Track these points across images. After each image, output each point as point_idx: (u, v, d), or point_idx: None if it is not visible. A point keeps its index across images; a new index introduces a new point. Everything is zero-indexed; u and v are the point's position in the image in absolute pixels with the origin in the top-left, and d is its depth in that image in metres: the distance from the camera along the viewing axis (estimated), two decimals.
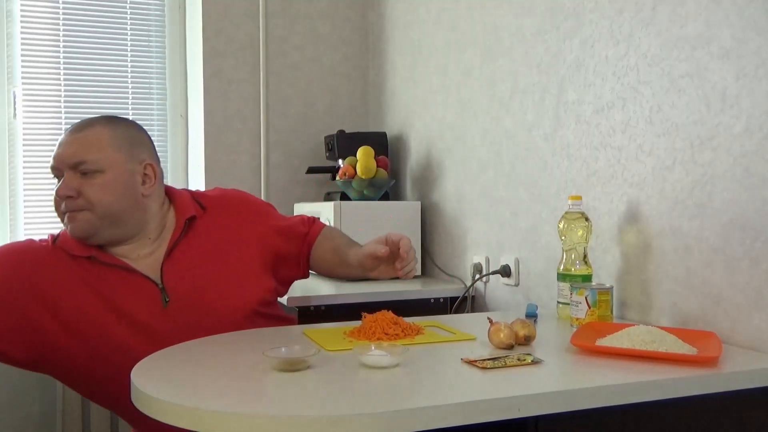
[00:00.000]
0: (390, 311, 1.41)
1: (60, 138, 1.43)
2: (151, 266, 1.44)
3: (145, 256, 1.45)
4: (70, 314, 1.37)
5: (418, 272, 2.44)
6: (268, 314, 1.55)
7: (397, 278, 1.50)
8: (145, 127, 2.82)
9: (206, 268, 1.47)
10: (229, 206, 1.57)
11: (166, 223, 1.50)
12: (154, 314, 1.40)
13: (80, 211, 1.37)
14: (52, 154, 1.41)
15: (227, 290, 1.46)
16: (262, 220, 1.59)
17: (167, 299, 1.41)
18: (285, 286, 1.66)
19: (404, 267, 1.46)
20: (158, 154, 2.74)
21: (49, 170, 1.43)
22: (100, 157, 1.38)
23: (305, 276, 1.68)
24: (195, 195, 1.57)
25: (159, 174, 1.49)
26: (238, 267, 1.50)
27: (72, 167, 1.38)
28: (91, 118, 1.45)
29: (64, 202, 1.38)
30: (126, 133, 1.44)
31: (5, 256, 1.42)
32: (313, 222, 1.68)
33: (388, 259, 1.48)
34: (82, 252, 1.40)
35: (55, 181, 1.43)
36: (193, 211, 1.50)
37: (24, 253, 1.42)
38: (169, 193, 1.55)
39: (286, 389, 1.05)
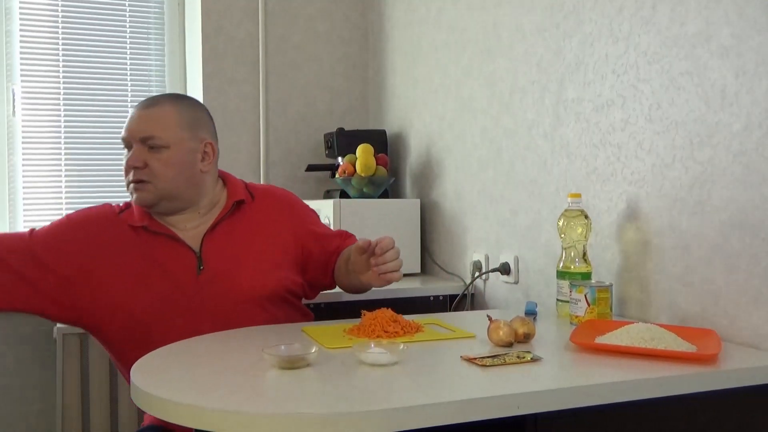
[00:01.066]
0: (389, 309, 1.41)
1: (130, 112, 1.56)
2: (194, 237, 1.57)
3: (191, 228, 1.58)
4: (115, 277, 1.51)
5: (416, 270, 2.44)
6: (293, 303, 1.65)
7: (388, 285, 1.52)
8: None
9: (242, 249, 1.59)
10: (275, 200, 1.69)
11: (217, 201, 1.63)
12: (189, 280, 1.52)
13: (144, 182, 1.51)
14: (124, 126, 1.54)
15: (257, 271, 1.57)
16: (302, 222, 1.69)
17: (201, 267, 1.54)
18: (313, 290, 1.74)
19: (379, 265, 1.46)
20: None
21: (120, 141, 1.56)
22: (167, 134, 1.51)
23: (332, 286, 1.73)
24: (248, 185, 1.70)
25: (217, 152, 1.62)
26: (272, 255, 1.61)
27: (141, 141, 1.51)
28: (160, 96, 1.57)
29: (132, 172, 1.51)
30: (190, 113, 1.56)
31: (71, 224, 1.57)
32: (348, 237, 1.75)
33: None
34: (138, 222, 1.55)
35: (125, 152, 1.57)
36: (243, 196, 1.63)
37: (88, 222, 1.58)
38: (224, 176, 1.69)
39: (285, 387, 1.05)
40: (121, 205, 1.62)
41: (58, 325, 2.35)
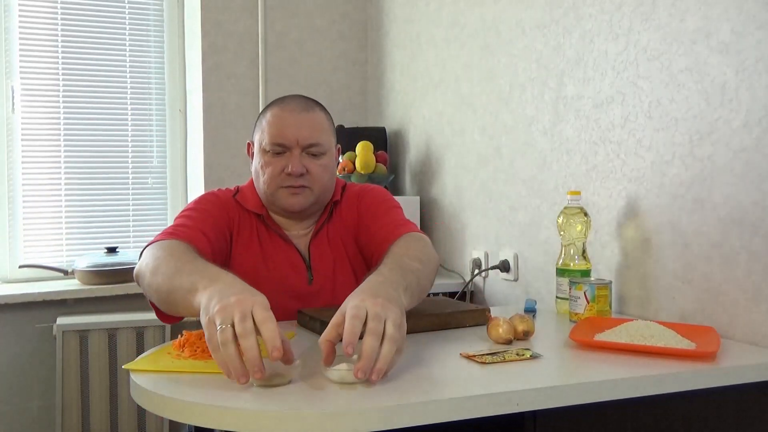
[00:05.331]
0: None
1: (274, 115, 1.49)
2: (302, 243, 1.56)
3: (301, 235, 1.57)
4: (238, 251, 1.52)
5: None
6: None
7: None
8: (143, 122, 2.83)
9: (339, 258, 1.55)
10: (351, 199, 1.60)
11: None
12: (302, 289, 1.51)
13: (303, 188, 1.49)
14: (271, 130, 1.48)
15: (353, 285, 1.30)
16: (360, 218, 1.57)
17: (312, 278, 1.53)
18: None
19: (364, 371, 0.99)
20: (157, 149, 2.73)
21: (267, 145, 1.49)
22: (326, 141, 1.51)
23: None
24: (347, 185, 1.65)
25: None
26: (357, 262, 1.57)
27: (303, 147, 1.48)
28: (304, 99, 1.53)
29: (290, 178, 1.47)
30: (330, 119, 1.57)
31: (213, 200, 1.55)
32: (400, 227, 1.53)
33: None
34: (254, 209, 1.54)
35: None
36: (338, 196, 1.59)
37: (225, 201, 1.56)
38: None
39: (285, 385, 1.05)
40: (234, 188, 1.61)
41: (58, 322, 2.35)
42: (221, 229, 1.49)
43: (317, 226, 1.56)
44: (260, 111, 1.59)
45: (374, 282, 1.13)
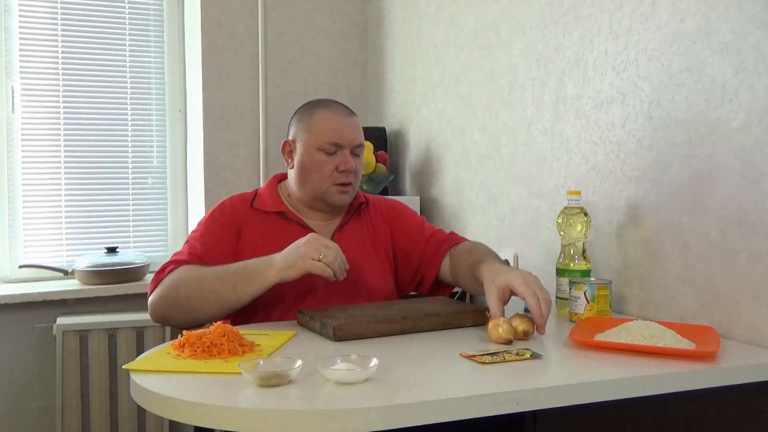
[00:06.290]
0: (224, 324, 1.26)
1: (326, 117, 1.63)
2: (324, 232, 1.65)
3: (320, 226, 1.67)
4: (248, 247, 1.61)
5: None
6: None
7: None
8: (143, 123, 2.83)
9: (366, 249, 1.69)
10: (382, 206, 1.78)
11: None
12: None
13: (350, 185, 1.63)
14: (327, 131, 1.61)
15: (380, 272, 1.68)
16: (399, 228, 1.75)
17: None
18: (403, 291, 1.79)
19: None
20: (157, 149, 2.73)
21: (323, 145, 1.61)
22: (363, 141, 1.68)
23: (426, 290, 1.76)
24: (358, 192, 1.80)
25: None
26: (386, 258, 1.72)
27: (353, 147, 1.64)
28: (341, 104, 1.69)
29: (341, 175, 1.61)
30: None
31: (224, 213, 1.67)
32: (446, 240, 1.72)
33: None
34: (274, 209, 1.66)
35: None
36: (363, 198, 1.75)
37: (234, 211, 1.67)
38: None
39: (285, 385, 1.05)
40: (243, 195, 1.70)
41: (58, 322, 2.35)
42: (230, 240, 1.62)
43: (343, 220, 1.69)
44: (297, 112, 1.72)
45: (502, 265, 1.48)
